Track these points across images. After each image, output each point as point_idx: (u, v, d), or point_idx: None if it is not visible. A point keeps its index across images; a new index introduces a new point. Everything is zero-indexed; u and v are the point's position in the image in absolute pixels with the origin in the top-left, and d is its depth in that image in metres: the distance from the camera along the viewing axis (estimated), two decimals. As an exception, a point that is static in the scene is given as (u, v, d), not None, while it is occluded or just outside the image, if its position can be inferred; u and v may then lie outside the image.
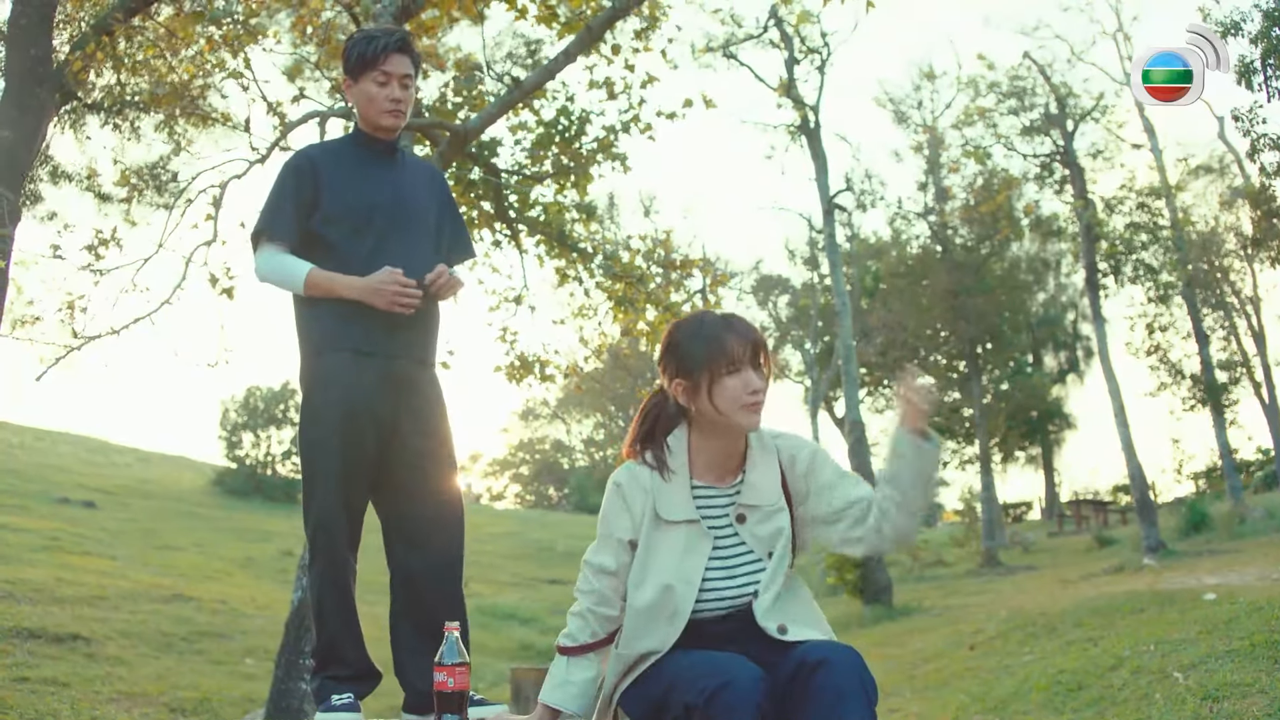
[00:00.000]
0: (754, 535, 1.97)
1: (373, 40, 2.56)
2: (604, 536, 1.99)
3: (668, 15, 7.80)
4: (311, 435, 2.48)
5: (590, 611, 1.97)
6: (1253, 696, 4.02)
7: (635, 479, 1.99)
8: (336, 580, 2.45)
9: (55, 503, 15.29)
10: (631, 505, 1.97)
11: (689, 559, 1.92)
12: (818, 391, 25.96)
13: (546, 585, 17.09)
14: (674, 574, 1.91)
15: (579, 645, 1.97)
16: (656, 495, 1.96)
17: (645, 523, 1.96)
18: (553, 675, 1.98)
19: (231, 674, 7.97)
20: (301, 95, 8.07)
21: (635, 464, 2.01)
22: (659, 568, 1.92)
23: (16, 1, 6.84)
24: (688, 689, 1.71)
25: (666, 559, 1.93)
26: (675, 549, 1.93)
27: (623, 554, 1.97)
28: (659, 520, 1.95)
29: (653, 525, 1.95)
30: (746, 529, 1.97)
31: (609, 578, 1.97)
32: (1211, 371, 18.88)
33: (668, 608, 1.90)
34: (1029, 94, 18.82)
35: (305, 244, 2.54)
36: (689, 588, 1.90)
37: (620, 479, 2.00)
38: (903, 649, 9.08)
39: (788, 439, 2.05)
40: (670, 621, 1.90)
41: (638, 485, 1.98)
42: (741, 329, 1.95)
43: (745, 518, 1.97)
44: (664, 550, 1.94)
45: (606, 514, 2.00)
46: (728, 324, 1.96)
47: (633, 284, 8.06)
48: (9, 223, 6.47)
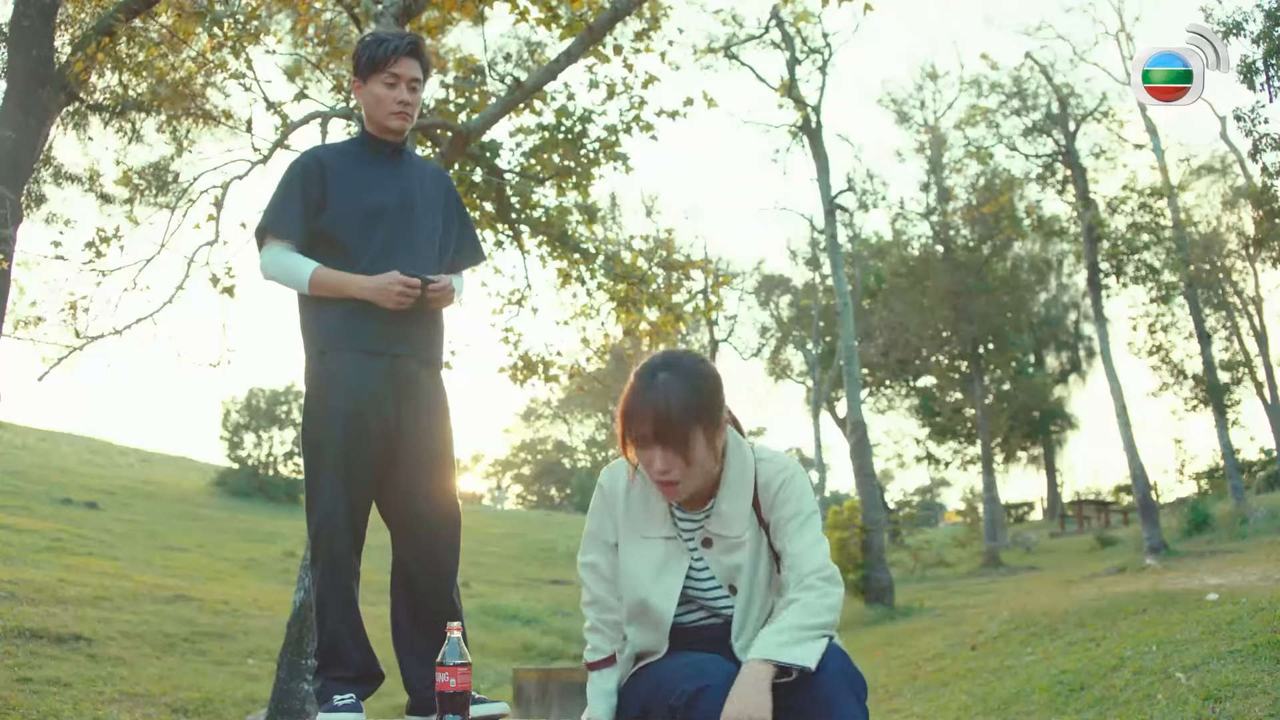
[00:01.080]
0: (718, 563, 1.92)
1: (383, 43, 2.58)
2: (589, 535, 2.01)
3: (669, 15, 7.80)
4: (315, 435, 2.48)
5: (600, 623, 1.98)
6: (1255, 697, 4.02)
7: (617, 483, 1.98)
8: (339, 581, 2.45)
9: (58, 503, 15.31)
10: (613, 508, 1.98)
11: (665, 576, 1.91)
12: (819, 392, 25.95)
13: (549, 586, 17.08)
14: (649, 589, 1.91)
15: (605, 658, 1.98)
16: (636, 505, 1.96)
17: (623, 530, 1.95)
18: (588, 693, 1.98)
19: (234, 675, 7.97)
20: (303, 95, 8.07)
21: (620, 467, 1.99)
22: (635, 582, 1.92)
23: (19, 3, 6.85)
24: (669, 691, 1.74)
25: (643, 572, 1.92)
26: (652, 563, 1.92)
27: (609, 553, 1.98)
28: (634, 533, 1.95)
29: (628, 535, 1.95)
30: (711, 555, 1.92)
31: (603, 581, 1.98)
32: (1214, 371, 18.86)
33: (649, 619, 1.92)
34: (1031, 94, 18.83)
35: (311, 243, 2.54)
36: (667, 601, 1.90)
37: (604, 480, 2.01)
38: (905, 649, 9.08)
39: (770, 462, 1.95)
40: (655, 629, 1.92)
41: (619, 490, 1.97)
42: (647, 406, 1.80)
43: (711, 543, 1.92)
44: (641, 562, 1.93)
45: (592, 513, 2.01)
46: (644, 395, 1.81)
47: (635, 284, 8.06)
48: (11, 223, 6.48)
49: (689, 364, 1.86)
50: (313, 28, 7.50)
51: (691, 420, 1.79)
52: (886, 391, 30.03)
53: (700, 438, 1.81)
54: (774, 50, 17.30)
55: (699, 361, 1.89)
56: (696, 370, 1.85)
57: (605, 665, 1.97)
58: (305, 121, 6.90)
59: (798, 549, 1.85)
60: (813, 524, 1.89)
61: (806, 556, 1.84)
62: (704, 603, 1.93)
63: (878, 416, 31.13)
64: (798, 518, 1.88)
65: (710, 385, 1.85)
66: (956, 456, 29.94)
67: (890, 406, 30.83)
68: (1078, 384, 31.20)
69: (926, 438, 30.51)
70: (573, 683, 7.10)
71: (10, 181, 6.59)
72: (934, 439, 30.07)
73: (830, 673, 1.70)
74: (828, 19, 28.98)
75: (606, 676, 1.96)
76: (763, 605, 1.90)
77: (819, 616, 1.76)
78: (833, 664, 1.71)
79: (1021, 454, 31.01)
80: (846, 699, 1.68)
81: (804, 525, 1.88)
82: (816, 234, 22.56)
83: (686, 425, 1.79)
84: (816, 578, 1.81)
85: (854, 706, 1.68)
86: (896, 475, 39.70)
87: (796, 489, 1.90)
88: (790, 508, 1.89)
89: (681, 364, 1.85)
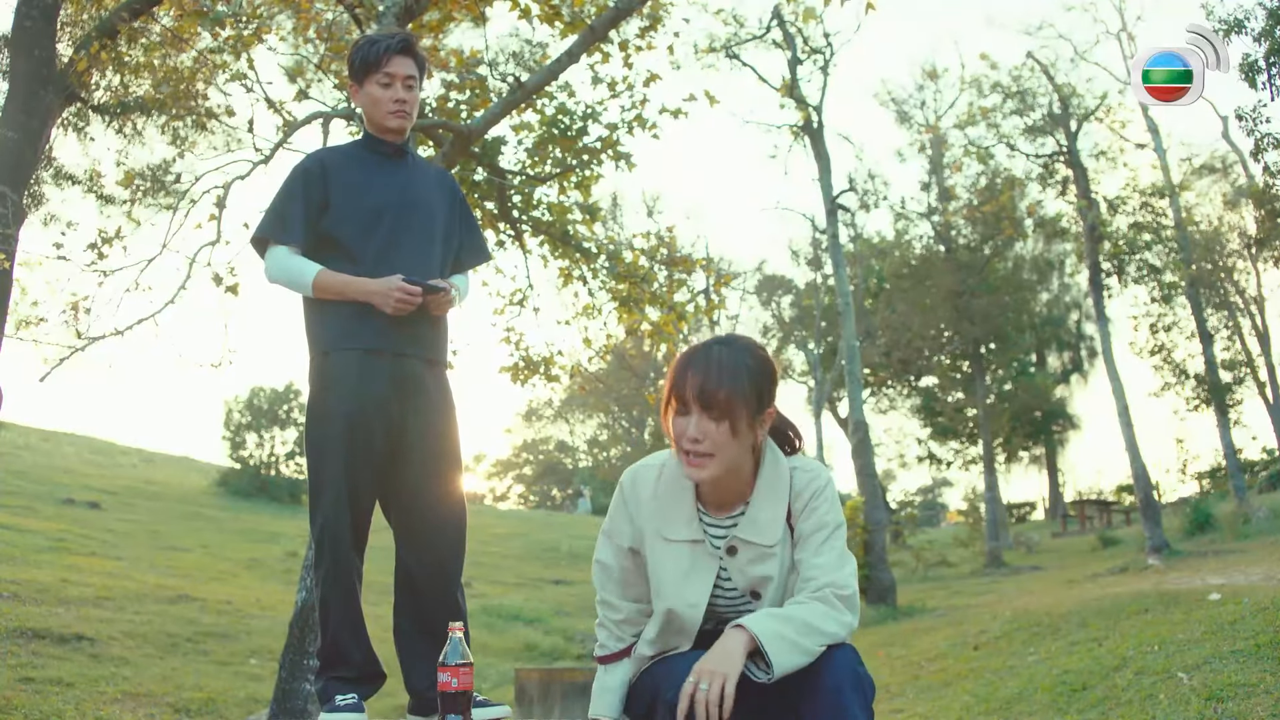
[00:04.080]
0: (741, 572, 1.87)
1: (375, 44, 2.60)
2: (604, 532, 1.99)
3: (670, 14, 7.80)
4: (319, 436, 2.48)
5: (609, 621, 1.99)
6: (1257, 697, 4.01)
7: (639, 486, 1.93)
8: (342, 581, 2.45)
9: (60, 504, 15.32)
10: (633, 512, 1.93)
11: (693, 581, 1.87)
12: (821, 392, 25.92)
13: (551, 586, 17.07)
14: (675, 597, 1.87)
15: (612, 654, 1.98)
16: (660, 506, 1.91)
17: (647, 535, 1.91)
18: (594, 688, 1.98)
19: (236, 675, 7.98)
20: (304, 95, 8.08)
21: (644, 469, 1.95)
22: (662, 589, 1.89)
23: (21, 4, 6.86)
24: (670, 689, 1.73)
25: (670, 577, 1.88)
26: (679, 568, 1.88)
27: (621, 558, 1.96)
28: (657, 535, 1.90)
29: (653, 537, 1.91)
30: (734, 563, 1.87)
31: (610, 582, 1.97)
32: (1215, 371, 18.83)
33: (674, 627, 1.90)
34: (1032, 94, 18.81)
35: (315, 245, 2.55)
36: (694, 610, 1.87)
37: (625, 481, 1.96)
38: (907, 649, 9.07)
39: (804, 470, 1.90)
40: (681, 635, 1.91)
41: (641, 494, 1.92)
42: (697, 368, 1.77)
43: (736, 550, 1.87)
44: (668, 567, 1.89)
45: (610, 511, 1.98)
46: (694, 359, 1.80)
47: (636, 284, 8.06)
48: (13, 224, 6.49)
49: (747, 343, 1.85)
50: (314, 28, 7.50)
51: (737, 391, 1.75)
52: (888, 391, 30.01)
53: (742, 414, 1.76)
54: (775, 50, 17.31)
55: (758, 345, 1.87)
56: (752, 350, 1.83)
57: (612, 660, 1.97)
58: (307, 121, 6.90)
59: (820, 563, 1.80)
60: (837, 539, 1.85)
61: (827, 570, 1.79)
62: (724, 614, 1.89)
63: (879, 416, 31.13)
64: (823, 530, 1.84)
65: (763, 367, 1.82)
66: (958, 456, 29.91)
67: (892, 406, 30.83)
68: (1079, 384, 31.15)
69: (928, 438, 30.49)
70: (575, 683, 7.10)
71: (12, 182, 6.60)
72: (936, 439, 30.04)
73: (841, 669, 1.69)
74: (829, 19, 29.02)
75: (613, 672, 1.96)
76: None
77: (824, 624, 1.71)
78: (843, 662, 1.70)
79: (1023, 454, 30.97)
80: (855, 696, 1.67)
81: (829, 539, 1.83)
82: (818, 234, 22.54)
83: (731, 394, 1.74)
84: (833, 592, 1.76)
85: (861, 706, 1.67)
86: (898, 475, 39.61)
87: (827, 499, 1.86)
88: (817, 519, 1.84)
89: (739, 341, 1.84)
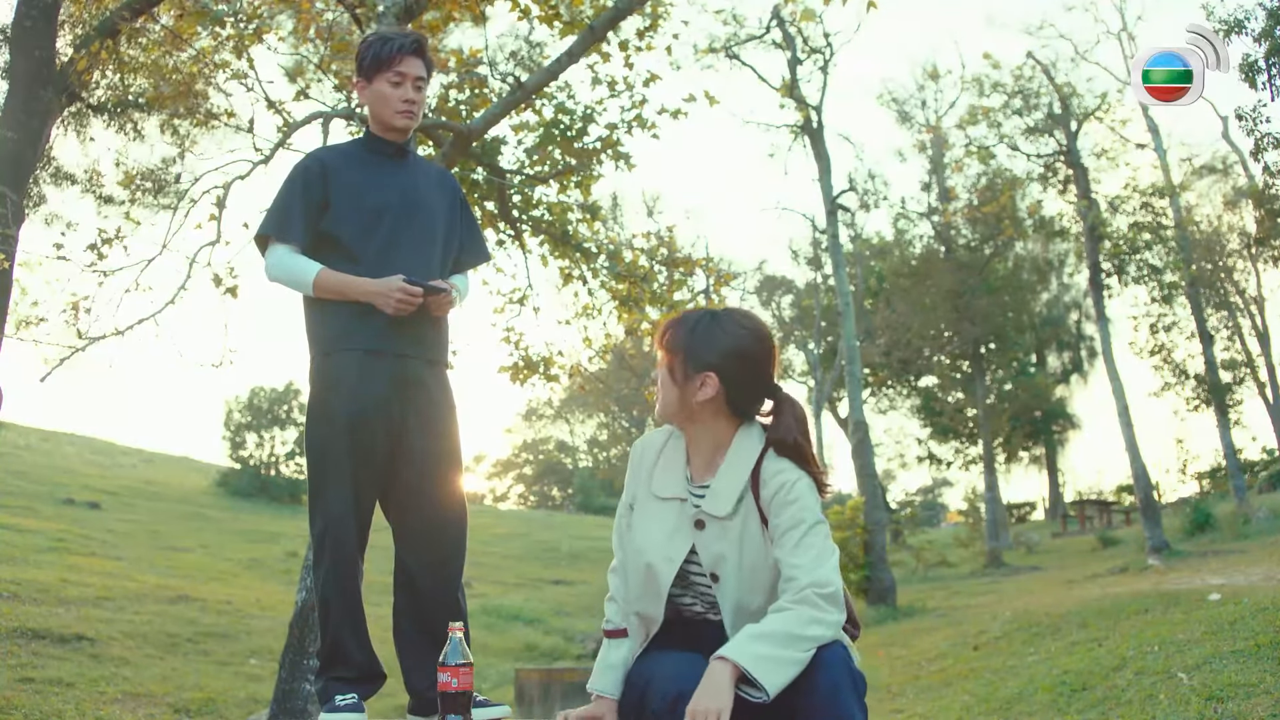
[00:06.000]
0: (706, 548, 1.86)
1: (388, 41, 2.60)
2: (622, 502, 2.04)
3: (669, 14, 7.80)
4: (319, 436, 2.47)
5: (619, 594, 2.00)
6: (1257, 697, 4.01)
7: (646, 448, 2.01)
8: (343, 581, 2.45)
9: (60, 504, 15.32)
10: (638, 471, 2.00)
11: (675, 540, 1.88)
12: (821, 392, 25.92)
13: (551, 586, 17.08)
14: (655, 551, 1.88)
15: (617, 629, 1.98)
16: (660, 465, 1.97)
17: (641, 494, 1.97)
18: (597, 662, 1.98)
19: (236, 675, 7.98)
20: (304, 95, 8.08)
21: (653, 435, 2.03)
22: (644, 542, 1.91)
23: (21, 3, 6.85)
24: (654, 693, 1.74)
25: (655, 534, 1.90)
26: (665, 526, 1.90)
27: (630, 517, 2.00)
28: (650, 493, 1.95)
29: (645, 495, 1.96)
30: (701, 538, 1.86)
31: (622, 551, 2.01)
32: (1215, 371, 18.85)
33: (651, 585, 1.89)
34: (1033, 94, 18.82)
35: (316, 244, 2.55)
36: (669, 566, 1.87)
37: (634, 446, 2.04)
38: (907, 649, 9.07)
39: (777, 461, 1.88)
40: (655, 598, 1.89)
41: (647, 456, 2.00)
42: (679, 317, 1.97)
43: (704, 525, 1.87)
44: (653, 523, 1.92)
45: (627, 477, 2.04)
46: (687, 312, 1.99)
47: (636, 283, 8.06)
48: (13, 224, 6.49)
49: (740, 315, 1.93)
50: (314, 28, 7.50)
51: (677, 338, 1.90)
52: (888, 391, 30.02)
53: (679, 365, 1.88)
54: (775, 50, 17.32)
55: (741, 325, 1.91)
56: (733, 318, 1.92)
57: (619, 635, 1.97)
58: (307, 121, 6.89)
59: (799, 561, 1.76)
60: (815, 535, 1.79)
61: (807, 570, 1.75)
62: (696, 588, 1.90)
63: (879, 416, 31.15)
64: (799, 527, 1.79)
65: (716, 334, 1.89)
66: (958, 456, 29.90)
67: (892, 406, 30.83)
68: (1079, 384, 31.17)
69: (928, 438, 30.48)
70: (575, 683, 7.11)
71: (12, 182, 6.59)
72: (936, 439, 30.03)
73: (834, 666, 1.69)
74: (829, 18, 29.01)
75: (618, 646, 1.96)
76: (756, 612, 1.81)
77: (807, 629, 1.68)
78: (835, 660, 1.70)
79: (1023, 454, 30.96)
80: (848, 693, 1.67)
81: (806, 536, 1.79)
82: (818, 234, 22.54)
83: (673, 338, 1.91)
84: (815, 592, 1.73)
85: (854, 703, 1.67)
86: (898, 475, 39.58)
87: (799, 492, 1.82)
88: (791, 514, 1.80)
89: (730, 314, 1.93)
